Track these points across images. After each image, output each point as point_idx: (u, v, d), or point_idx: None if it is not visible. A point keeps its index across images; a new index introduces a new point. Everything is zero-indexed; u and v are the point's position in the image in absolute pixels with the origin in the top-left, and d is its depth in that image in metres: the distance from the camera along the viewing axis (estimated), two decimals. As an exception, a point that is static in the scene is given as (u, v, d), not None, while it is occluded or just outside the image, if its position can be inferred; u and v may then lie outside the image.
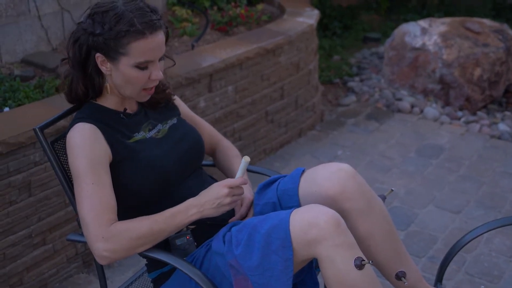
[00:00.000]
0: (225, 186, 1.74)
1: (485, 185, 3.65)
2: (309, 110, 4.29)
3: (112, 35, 1.72)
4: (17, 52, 3.39)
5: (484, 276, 2.84)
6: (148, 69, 1.78)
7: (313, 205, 1.69)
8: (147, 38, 1.73)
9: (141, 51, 1.73)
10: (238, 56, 3.50)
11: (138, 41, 1.72)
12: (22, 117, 2.60)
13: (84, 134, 1.76)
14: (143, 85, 1.81)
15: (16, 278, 2.56)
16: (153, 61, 1.77)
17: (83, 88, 1.83)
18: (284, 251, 1.63)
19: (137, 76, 1.77)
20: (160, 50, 1.78)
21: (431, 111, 4.56)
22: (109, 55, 1.75)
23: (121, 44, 1.72)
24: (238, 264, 1.67)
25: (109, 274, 2.77)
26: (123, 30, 1.71)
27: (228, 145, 2.19)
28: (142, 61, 1.75)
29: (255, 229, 1.67)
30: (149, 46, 1.74)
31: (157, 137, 1.89)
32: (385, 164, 3.88)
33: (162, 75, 1.81)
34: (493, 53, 4.67)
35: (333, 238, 1.61)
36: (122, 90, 1.82)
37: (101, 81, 1.82)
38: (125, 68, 1.76)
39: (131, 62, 1.75)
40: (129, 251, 1.71)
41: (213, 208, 1.74)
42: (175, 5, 4.31)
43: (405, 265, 1.91)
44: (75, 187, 1.75)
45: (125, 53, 1.74)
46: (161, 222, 1.72)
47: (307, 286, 1.82)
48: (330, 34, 6.17)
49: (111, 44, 1.73)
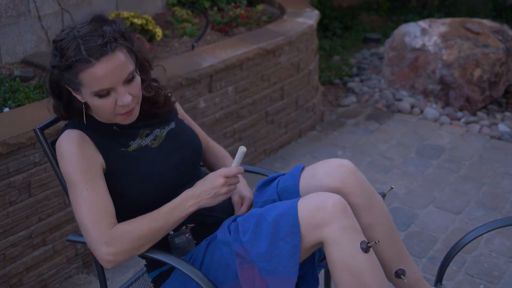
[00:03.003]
0: (221, 176, 1.73)
1: (486, 186, 3.65)
2: (309, 111, 4.29)
3: (63, 66, 1.63)
4: (17, 53, 3.39)
5: (484, 276, 2.84)
6: (110, 95, 1.67)
7: (319, 192, 1.72)
8: (93, 66, 1.61)
9: (92, 80, 1.63)
10: (238, 56, 3.50)
11: (85, 71, 1.61)
12: (22, 118, 2.60)
13: (72, 141, 1.74)
14: (113, 111, 1.71)
15: (16, 279, 2.56)
16: (112, 87, 1.65)
17: (67, 114, 1.81)
18: (292, 237, 1.64)
19: (101, 104, 1.68)
20: (117, 74, 1.64)
21: (431, 112, 4.56)
22: (70, 86, 1.69)
23: (73, 74, 1.63)
24: (245, 251, 1.67)
25: (109, 275, 2.77)
26: (69, 60, 1.61)
27: (216, 146, 2.19)
28: (97, 90, 1.65)
29: (262, 217, 1.68)
30: (99, 74, 1.62)
31: (153, 146, 1.86)
32: (385, 165, 3.88)
33: (129, 99, 1.68)
34: (493, 53, 4.67)
35: (340, 221, 1.64)
36: (100, 115, 1.78)
37: (81, 106, 1.78)
38: (87, 97, 1.68)
39: (88, 92, 1.66)
40: (132, 252, 1.71)
41: (209, 198, 1.73)
42: (175, 5, 4.31)
43: (405, 263, 1.91)
44: (70, 194, 1.74)
45: (80, 83, 1.65)
46: (160, 219, 1.72)
47: (308, 282, 1.82)
48: (330, 34, 6.17)
49: (65, 75, 1.66)
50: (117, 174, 1.78)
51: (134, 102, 1.73)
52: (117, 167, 1.78)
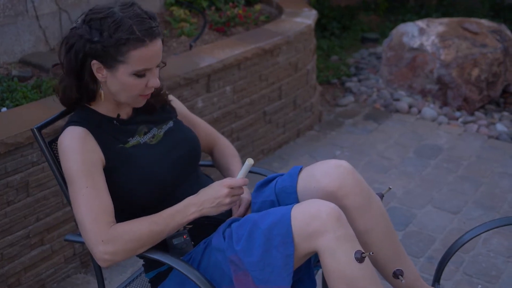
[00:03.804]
0: (225, 186, 1.74)
1: (484, 186, 3.65)
2: (307, 111, 4.30)
3: (111, 42, 1.68)
4: (15, 52, 3.38)
5: (482, 276, 2.84)
6: (145, 76, 1.76)
7: (314, 200, 1.71)
8: (147, 46, 1.70)
9: (140, 59, 1.71)
10: (236, 56, 3.50)
11: (138, 49, 1.70)
12: (19, 117, 2.60)
13: (75, 137, 1.75)
14: (140, 92, 1.78)
15: (14, 278, 2.56)
16: (151, 68, 1.76)
17: (77, 95, 1.80)
18: (285, 247, 1.64)
19: (134, 84, 1.75)
20: (158, 57, 1.76)
21: (429, 112, 4.56)
22: (107, 62, 1.72)
23: (121, 52, 1.70)
24: (238, 260, 1.67)
25: (107, 275, 2.76)
26: (123, 38, 1.68)
27: (226, 144, 2.18)
28: (141, 69, 1.73)
29: (256, 225, 1.68)
30: (149, 54, 1.72)
31: (151, 143, 1.87)
32: (384, 165, 3.88)
33: (159, 82, 1.79)
34: (491, 53, 4.67)
35: (334, 231, 1.63)
36: (118, 97, 1.80)
37: (95, 88, 1.79)
38: (122, 76, 1.74)
39: (129, 70, 1.72)
40: (129, 253, 1.71)
41: (212, 207, 1.74)
42: (173, 5, 4.31)
43: (403, 264, 1.91)
44: (69, 191, 1.74)
45: (123, 61, 1.71)
46: (161, 223, 1.72)
47: (305, 285, 1.82)
48: (328, 34, 6.17)
49: (110, 51, 1.70)
50: (115, 170, 1.78)
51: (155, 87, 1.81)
52: (115, 163, 1.78)
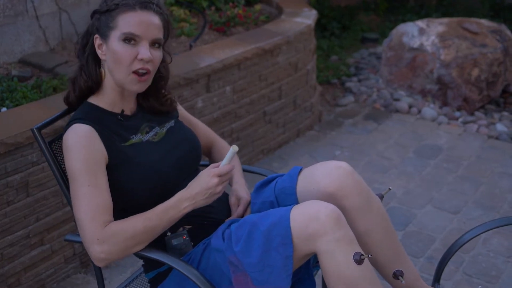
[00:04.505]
0: (214, 176, 1.71)
1: (483, 186, 3.65)
2: (307, 111, 4.30)
3: (104, 8, 1.79)
4: (15, 52, 3.39)
5: (482, 276, 2.84)
6: (135, 46, 1.76)
7: (313, 201, 1.71)
8: (135, 11, 1.77)
9: (128, 23, 1.76)
10: (236, 56, 3.50)
11: (126, 13, 1.76)
12: (19, 117, 2.60)
13: (80, 135, 1.75)
14: (131, 64, 1.77)
15: (13, 278, 2.56)
16: (140, 36, 1.76)
17: (85, 77, 1.83)
18: (284, 248, 1.64)
19: (123, 51, 1.76)
20: (150, 29, 1.77)
21: (429, 112, 4.56)
22: (102, 32, 1.79)
23: (111, 17, 1.77)
24: (237, 261, 1.67)
25: (106, 275, 2.77)
26: (114, 3, 1.77)
27: (223, 145, 2.19)
28: (127, 32, 1.75)
29: (255, 226, 1.68)
30: (137, 19, 1.76)
31: (154, 141, 1.88)
32: (384, 165, 3.88)
33: (149, 54, 1.76)
34: (491, 53, 4.67)
35: (333, 232, 1.63)
36: (114, 73, 1.80)
37: (97, 69, 1.83)
38: (113, 43, 1.77)
39: (118, 34, 1.76)
40: (125, 251, 1.71)
41: (205, 198, 1.73)
42: (173, 5, 4.31)
43: (403, 264, 1.91)
44: (71, 189, 1.74)
45: (113, 27, 1.77)
46: (154, 219, 1.72)
47: (304, 285, 1.82)
48: (328, 34, 6.17)
49: (103, 18, 1.79)
50: (118, 167, 1.78)
51: (151, 66, 1.79)
52: (118, 160, 1.78)
